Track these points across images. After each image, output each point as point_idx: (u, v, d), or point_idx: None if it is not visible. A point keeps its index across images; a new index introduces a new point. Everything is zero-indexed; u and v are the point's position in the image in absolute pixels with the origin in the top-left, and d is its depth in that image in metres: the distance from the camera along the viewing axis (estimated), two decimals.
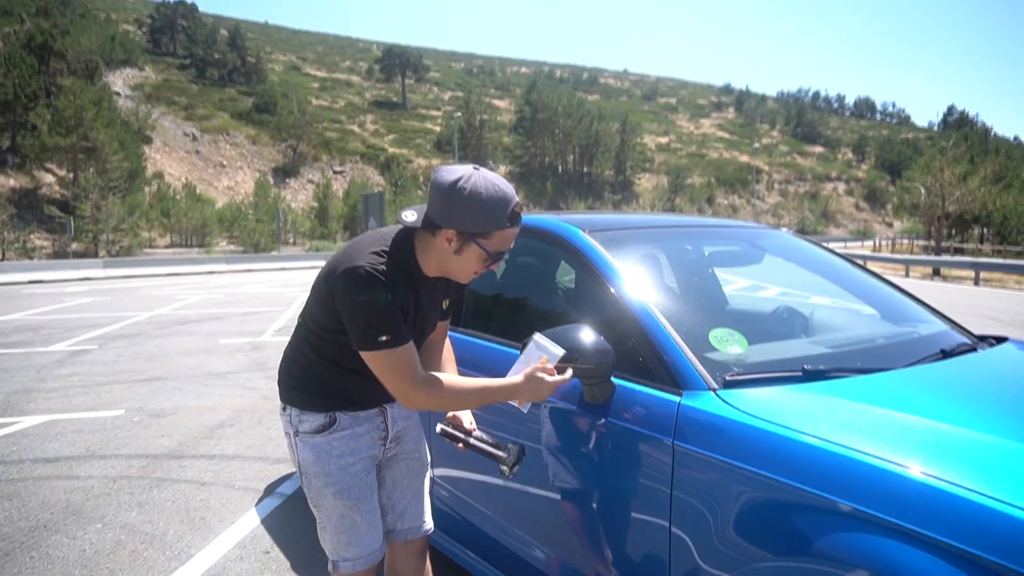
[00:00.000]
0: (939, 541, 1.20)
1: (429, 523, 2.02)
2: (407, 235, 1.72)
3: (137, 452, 4.55)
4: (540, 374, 1.70)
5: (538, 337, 1.75)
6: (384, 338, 1.61)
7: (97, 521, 3.46)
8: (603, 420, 1.86)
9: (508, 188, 1.63)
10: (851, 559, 1.29)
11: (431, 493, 2.14)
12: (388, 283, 1.62)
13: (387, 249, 1.67)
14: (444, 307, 1.90)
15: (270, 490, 3.88)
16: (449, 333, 2.09)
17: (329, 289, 1.67)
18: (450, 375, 1.74)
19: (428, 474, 2.05)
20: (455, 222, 1.61)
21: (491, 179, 1.61)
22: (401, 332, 1.64)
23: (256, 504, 3.68)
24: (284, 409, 1.87)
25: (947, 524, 1.21)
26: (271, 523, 3.44)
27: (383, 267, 1.62)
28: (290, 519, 3.48)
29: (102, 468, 4.24)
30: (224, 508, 3.63)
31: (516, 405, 1.76)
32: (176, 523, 3.44)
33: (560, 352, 1.71)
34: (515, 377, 1.72)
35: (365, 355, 1.65)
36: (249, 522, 3.45)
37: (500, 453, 1.75)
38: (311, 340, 1.79)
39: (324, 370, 1.79)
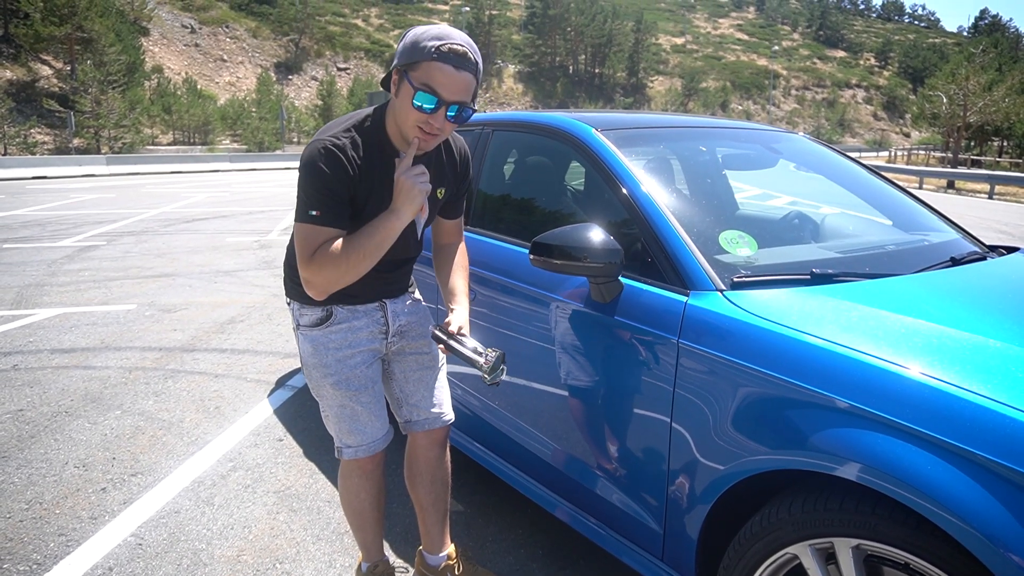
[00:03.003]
0: (933, 437, 1.24)
1: (448, 414, 2.04)
2: (381, 111, 1.71)
3: (150, 345, 4.67)
4: (404, 177, 1.63)
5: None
6: (315, 212, 1.60)
7: (116, 408, 3.59)
8: (610, 319, 1.88)
9: (455, 32, 1.59)
10: (845, 453, 1.33)
11: None
12: (347, 158, 1.61)
13: (356, 125, 1.67)
14: (440, 196, 1.86)
15: (281, 382, 4.00)
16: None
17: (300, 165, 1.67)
18: (336, 245, 1.62)
19: (443, 368, 2.07)
20: (396, 58, 1.62)
21: (443, 26, 1.62)
22: (335, 215, 1.61)
23: (268, 395, 3.80)
24: (288, 303, 1.91)
25: (942, 422, 1.24)
26: (283, 413, 3.57)
27: (346, 142, 1.63)
28: (301, 410, 3.60)
29: (117, 359, 4.36)
30: (237, 398, 3.75)
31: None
32: (192, 411, 3.57)
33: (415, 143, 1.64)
34: (393, 201, 1.66)
35: (295, 228, 1.65)
36: (262, 412, 3.58)
37: (477, 358, 1.69)
38: None
39: None
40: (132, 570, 2.27)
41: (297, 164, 1.80)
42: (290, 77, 62.96)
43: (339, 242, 1.61)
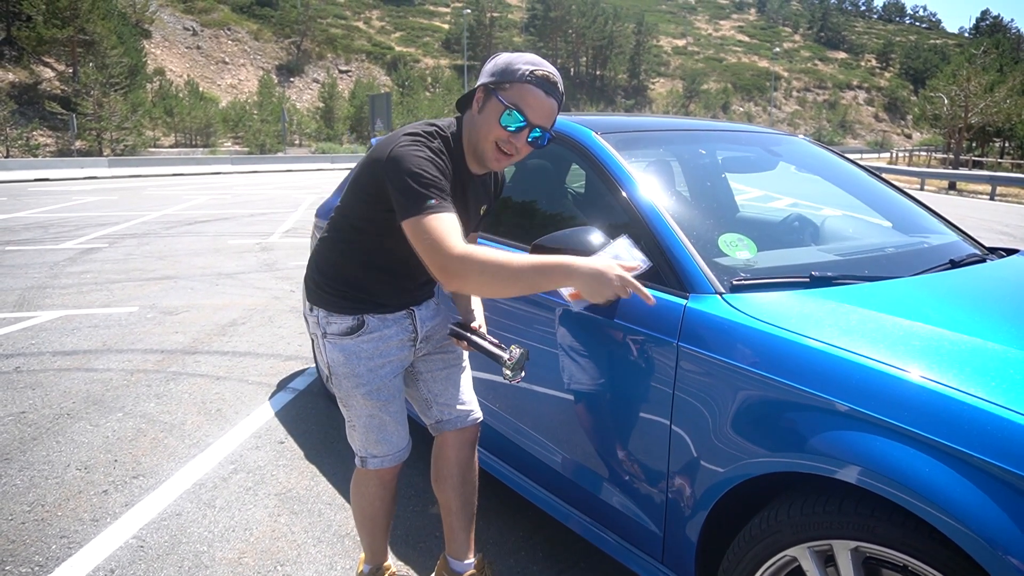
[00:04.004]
0: (932, 440, 1.24)
1: (478, 412, 2.04)
2: (457, 127, 1.74)
3: (152, 347, 4.68)
4: (618, 271, 1.49)
5: (625, 240, 1.59)
6: (433, 201, 1.52)
7: (118, 411, 3.60)
8: (610, 322, 1.88)
9: (545, 62, 1.65)
10: (844, 456, 1.33)
11: None
12: (440, 151, 1.63)
13: (440, 133, 1.69)
14: (481, 213, 1.90)
15: (282, 385, 4.01)
16: None
17: (376, 166, 1.62)
18: (492, 249, 1.55)
19: (468, 367, 2.07)
20: (483, 77, 1.66)
21: (533, 55, 1.67)
22: (448, 198, 1.56)
23: (270, 398, 3.81)
24: (311, 310, 1.86)
25: (941, 425, 1.24)
26: (284, 416, 3.58)
27: (436, 141, 1.65)
28: (302, 413, 3.61)
29: (119, 361, 4.37)
30: (239, 401, 3.76)
31: (565, 298, 1.53)
32: (193, 414, 3.58)
33: (646, 263, 1.55)
34: (584, 260, 1.52)
35: (409, 224, 1.53)
36: (263, 414, 3.59)
37: (501, 354, 1.71)
38: (344, 238, 1.78)
39: (354, 271, 1.79)
40: (133, 572, 2.27)
41: (300, 167, 1.80)
42: (292, 79, 63.07)
43: (503, 252, 1.53)
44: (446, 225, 1.51)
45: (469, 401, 2.03)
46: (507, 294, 1.54)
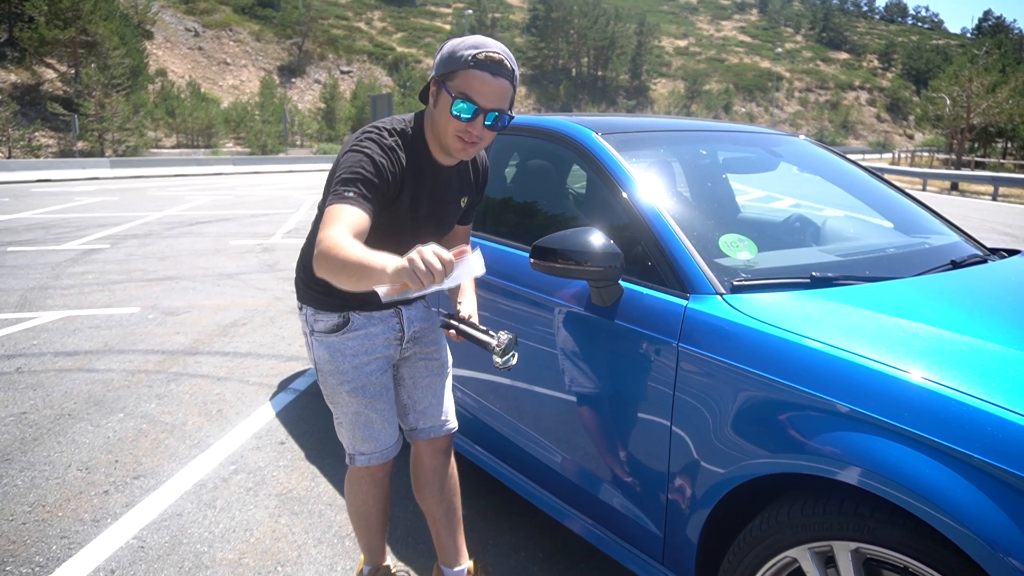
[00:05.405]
0: (932, 441, 1.24)
1: (452, 422, 2.04)
2: (419, 120, 1.75)
3: (153, 348, 4.68)
4: (421, 249, 1.30)
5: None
6: (350, 193, 1.53)
7: (119, 411, 3.60)
8: (610, 323, 1.88)
9: (490, 41, 1.61)
10: (845, 456, 1.33)
11: None
12: (395, 155, 1.64)
13: (400, 129, 1.70)
14: (463, 205, 1.89)
15: (283, 386, 4.01)
16: None
17: (337, 158, 1.67)
18: (350, 243, 1.44)
19: (450, 375, 2.07)
20: (434, 70, 1.64)
21: (478, 36, 1.62)
22: (367, 200, 1.55)
23: (270, 399, 3.81)
24: (301, 308, 1.89)
25: (942, 426, 1.24)
26: (285, 416, 3.58)
27: (393, 142, 1.65)
28: (303, 413, 3.61)
29: (120, 362, 4.37)
30: (240, 401, 3.76)
31: (382, 296, 1.39)
32: (194, 415, 3.58)
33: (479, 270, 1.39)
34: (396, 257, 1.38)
35: (327, 210, 1.53)
36: (264, 415, 3.59)
37: (489, 340, 1.70)
38: None
39: None
40: (134, 573, 2.27)
41: (301, 167, 1.79)
42: (293, 80, 63.08)
43: (350, 243, 1.43)
44: (343, 215, 1.50)
45: (446, 412, 2.02)
46: (348, 286, 1.44)
